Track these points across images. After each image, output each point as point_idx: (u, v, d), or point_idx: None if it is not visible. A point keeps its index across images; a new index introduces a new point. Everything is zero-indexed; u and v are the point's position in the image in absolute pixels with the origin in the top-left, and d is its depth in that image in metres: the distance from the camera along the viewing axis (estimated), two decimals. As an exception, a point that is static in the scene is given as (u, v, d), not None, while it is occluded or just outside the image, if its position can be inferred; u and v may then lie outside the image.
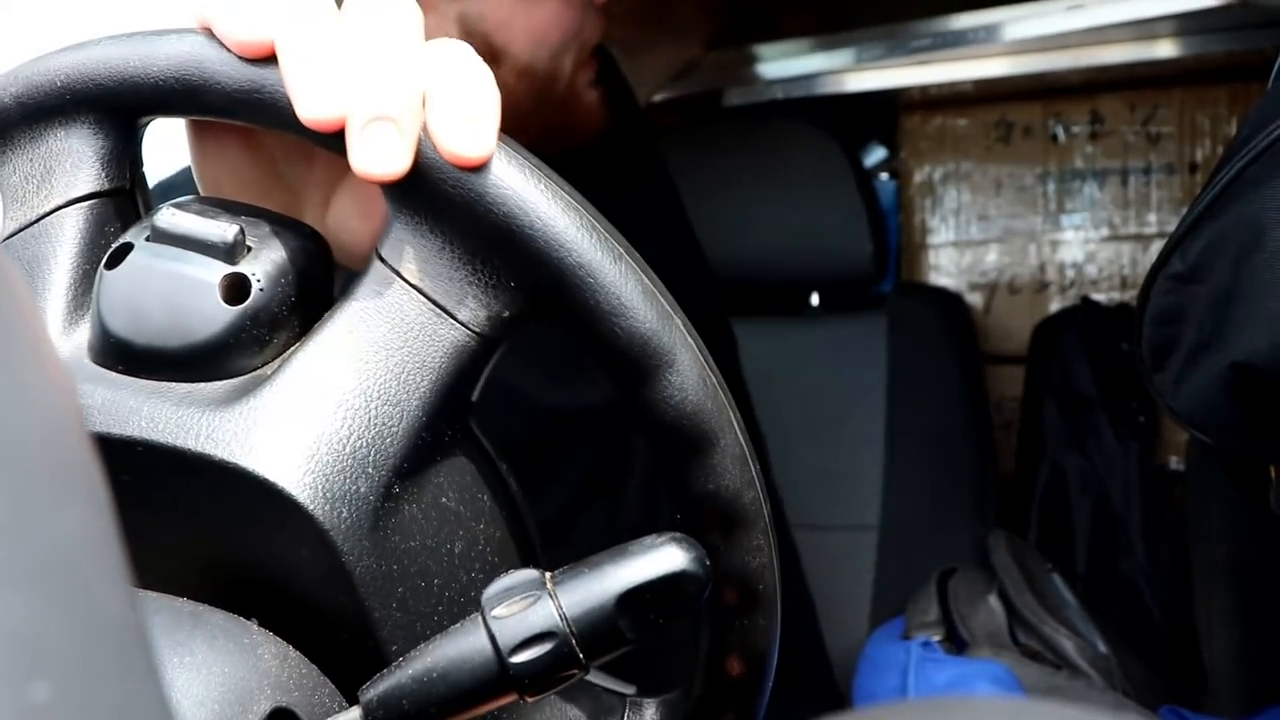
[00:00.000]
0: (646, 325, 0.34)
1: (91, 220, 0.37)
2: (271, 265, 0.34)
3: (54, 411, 0.17)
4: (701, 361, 0.35)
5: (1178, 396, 0.62)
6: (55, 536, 0.16)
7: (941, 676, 0.90)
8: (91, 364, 0.34)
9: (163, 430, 0.32)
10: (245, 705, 0.29)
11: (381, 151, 0.33)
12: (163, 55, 0.36)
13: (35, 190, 0.37)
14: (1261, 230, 0.55)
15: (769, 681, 0.39)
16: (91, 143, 0.37)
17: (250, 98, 0.35)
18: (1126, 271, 1.41)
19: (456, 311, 0.34)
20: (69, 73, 0.36)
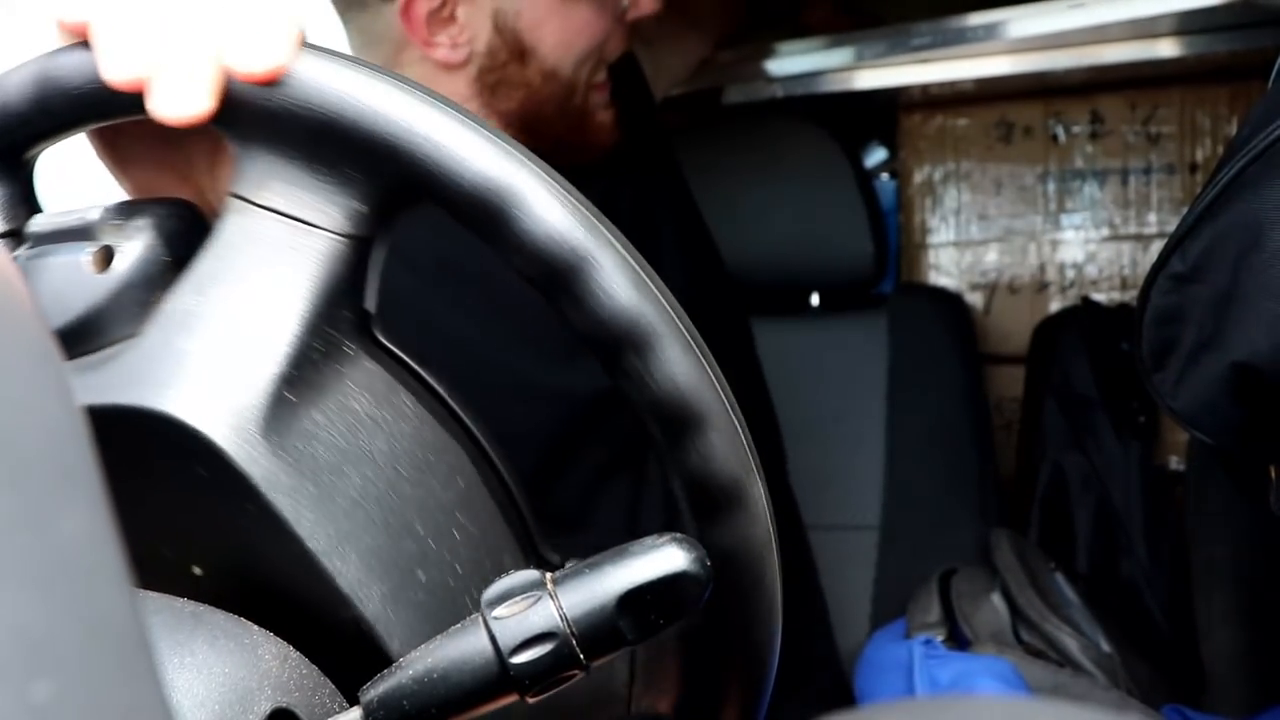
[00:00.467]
0: (496, 168, 0.33)
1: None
2: (136, 233, 0.36)
3: (55, 413, 0.17)
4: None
5: (1178, 397, 0.62)
6: (56, 538, 0.16)
7: (946, 674, 0.90)
8: None
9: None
10: (246, 705, 0.29)
11: (174, 96, 0.35)
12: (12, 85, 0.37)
13: None
14: (1261, 230, 0.55)
15: (771, 673, 0.39)
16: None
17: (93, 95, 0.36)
18: (1127, 271, 1.41)
19: (315, 219, 0.34)
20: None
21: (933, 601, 1.01)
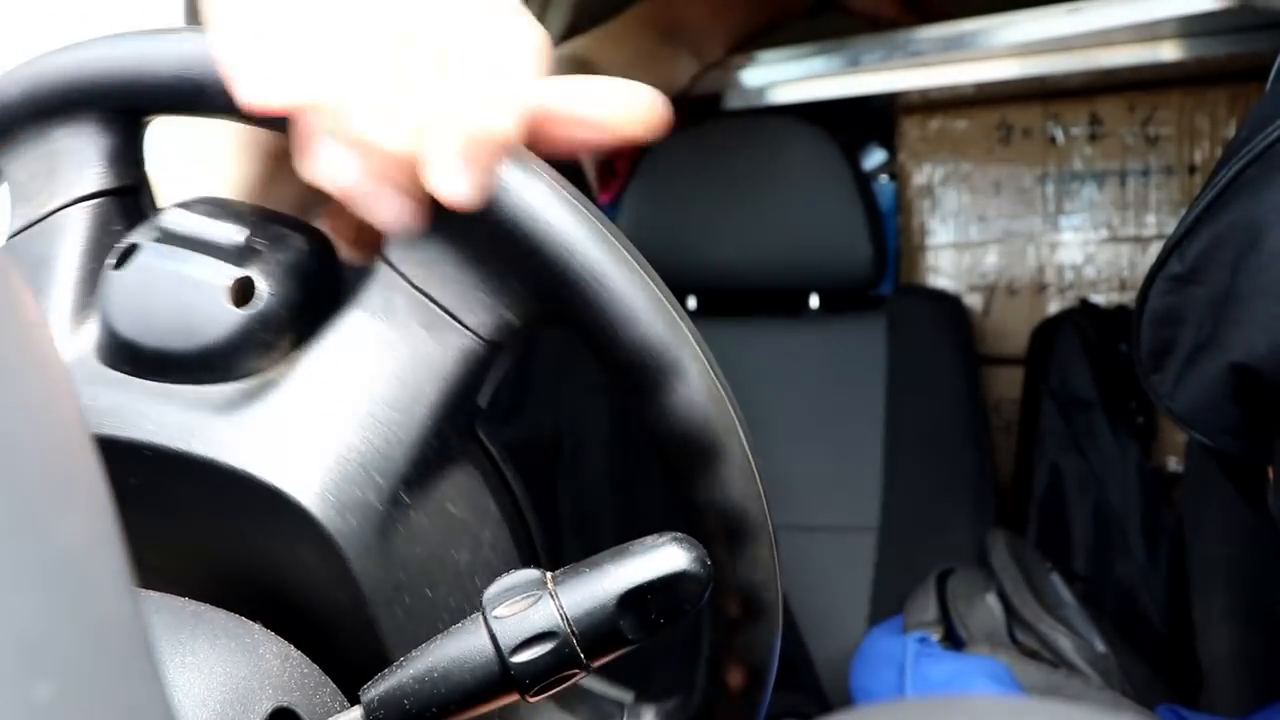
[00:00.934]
0: (655, 334, 0.33)
1: (96, 219, 0.36)
2: (278, 267, 0.34)
3: (57, 415, 0.17)
4: (710, 373, 0.35)
5: (1176, 398, 0.62)
6: (58, 539, 0.16)
7: (939, 673, 0.90)
8: (99, 364, 0.34)
9: (171, 434, 0.31)
10: (247, 705, 0.29)
11: (385, 214, 0.33)
12: (170, 55, 0.35)
13: (40, 188, 0.37)
14: (1260, 231, 0.55)
15: (768, 690, 0.39)
16: (96, 141, 0.37)
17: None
18: (1125, 273, 1.41)
19: (464, 317, 0.34)
20: (74, 71, 0.36)
21: (930, 600, 1.01)
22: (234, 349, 0.33)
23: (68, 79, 0.36)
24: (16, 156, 0.37)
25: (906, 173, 1.51)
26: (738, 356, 1.26)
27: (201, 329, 0.33)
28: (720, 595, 0.37)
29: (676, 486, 0.36)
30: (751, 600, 0.37)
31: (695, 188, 1.25)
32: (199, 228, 0.34)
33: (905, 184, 1.51)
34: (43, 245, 0.36)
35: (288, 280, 0.34)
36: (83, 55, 0.36)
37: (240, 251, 0.34)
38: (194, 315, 0.33)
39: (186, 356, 0.33)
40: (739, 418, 0.36)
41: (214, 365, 0.33)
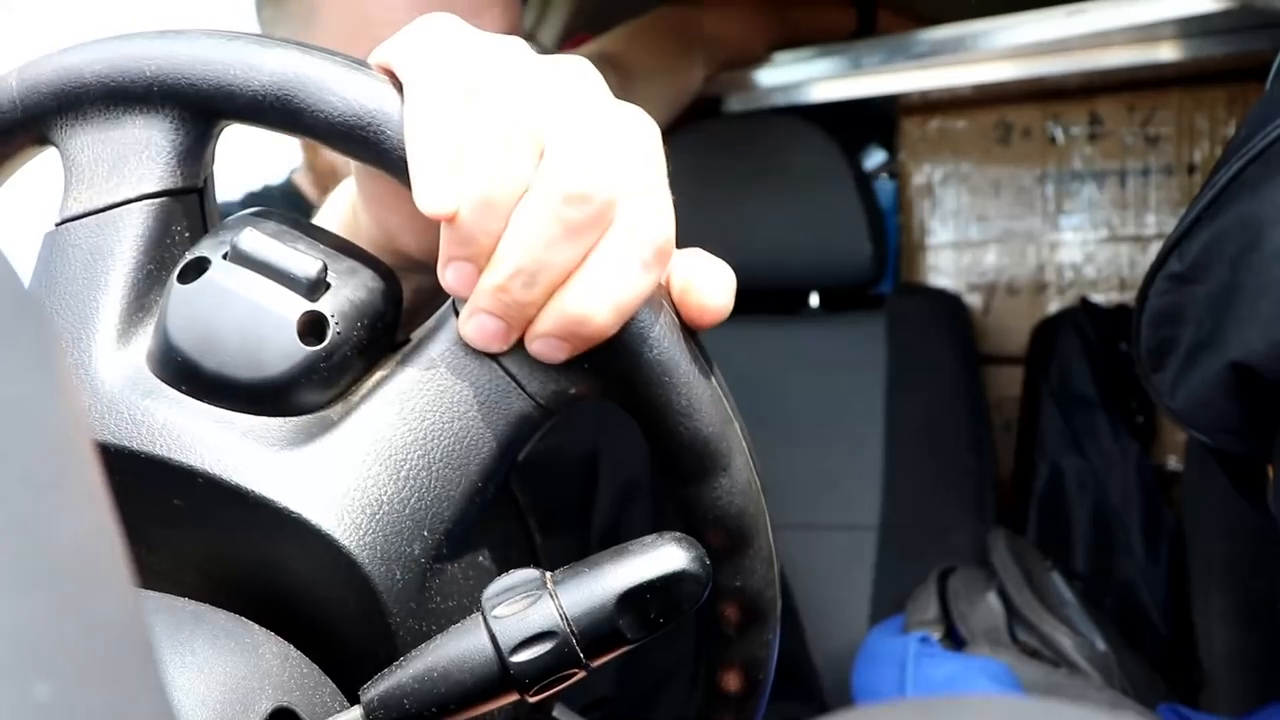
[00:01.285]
0: (711, 429, 0.34)
1: (159, 218, 0.35)
2: (349, 306, 0.34)
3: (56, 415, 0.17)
4: (751, 467, 0.36)
5: (1176, 396, 0.62)
6: (58, 538, 0.16)
7: (940, 673, 0.90)
8: (153, 377, 0.33)
9: (227, 465, 0.31)
10: (247, 705, 0.29)
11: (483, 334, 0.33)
12: (268, 68, 0.34)
13: (105, 176, 0.35)
14: (1260, 230, 0.55)
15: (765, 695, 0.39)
16: (170, 138, 0.35)
17: (355, 133, 0.33)
18: (1125, 272, 1.41)
19: (526, 383, 0.34)
20: (162, 64, 0.34)
21: (931, 600, 1.01)
22: (297, 384, 0.33)
23: (156, 69, 0.34)
24: (80, 135, 0.36)
25: (907, 172, 1.51)
26: (738, 355, 1.26)
27: (268, 361, 0.32)
28: (718, 602, 0.37)
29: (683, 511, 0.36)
30: (749, 607, 0.37)
31: (696, 187, 1.25)
32: (274, 253, 0.33)
33: (905, 184, 1.51)
34: (101, 237, 0.35)
35: (356, 320, 0.34)
36: (172, 50, 0.35)
37: (313, 284, 0.33)
38: (261, 346, 0.32)
39: (248, 386, 0.32)
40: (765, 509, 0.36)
41: (275, 398, 0.33)
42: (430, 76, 0.32)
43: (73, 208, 0.35)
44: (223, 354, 0.32)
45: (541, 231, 0.31)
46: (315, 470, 0.31)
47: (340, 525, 0.31)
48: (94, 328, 0.33)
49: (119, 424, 0.32)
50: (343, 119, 0.33)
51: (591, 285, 0.32)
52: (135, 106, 0.35)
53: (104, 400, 0.32)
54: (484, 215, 0.31)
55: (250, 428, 0.32)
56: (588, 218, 0.31)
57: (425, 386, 0.33)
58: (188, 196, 0.36)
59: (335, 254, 0.35)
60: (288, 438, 0.32)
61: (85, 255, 0.34)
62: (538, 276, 0.31)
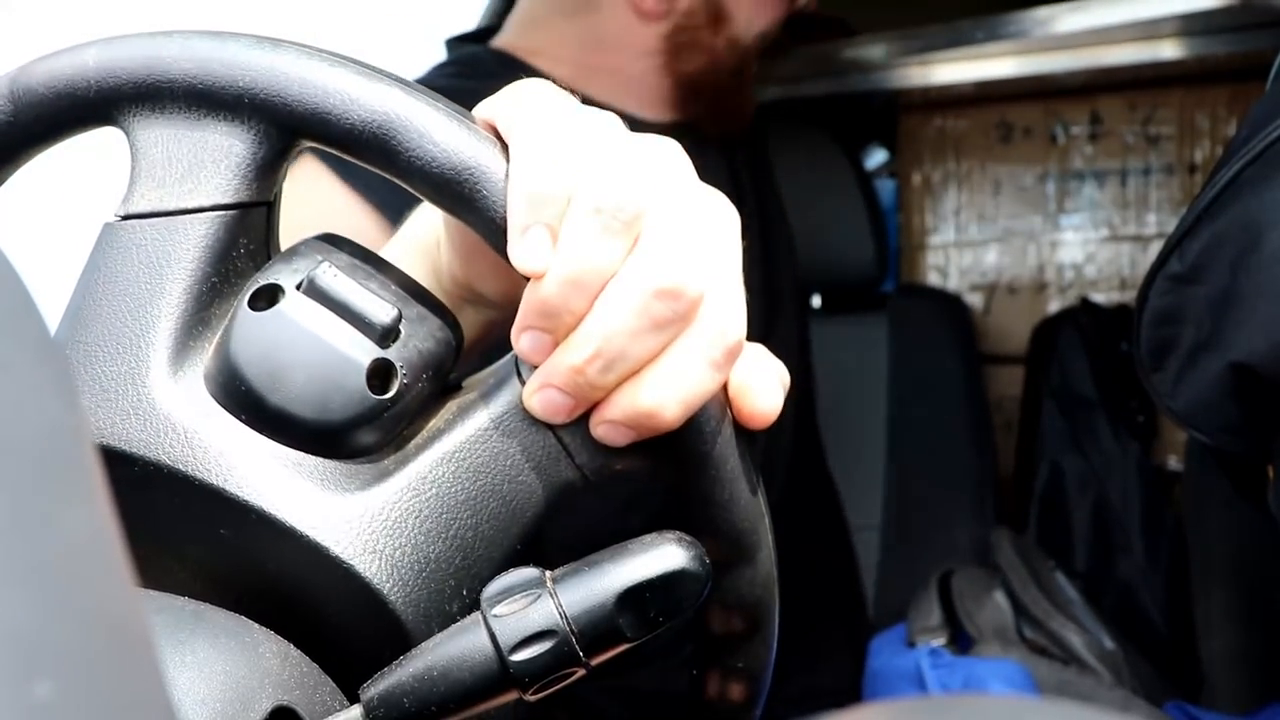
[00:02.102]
0: (745, 524, 0.35)
1: (228, 230, 0.34)
2: (416, 356, 0.34)
3: (55, 412, 0.17)
4: (773, 560, 0.36)
5: (1176, 396, 0.62)
6: (57, 537, 0.16)
7: (955, 681, 0.90)
8: (211, 400, 0.33)
9: (282, 505, 0.31)
10: (247, 704, 0.29)
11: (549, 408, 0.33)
12: (370, 102, 0.33)
13: (178, 179, 0.34)
14: (1260, 231, 0.55)
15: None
16: (251, 150, 0.34)
17: (451, 185, 0.33)
18: (1125, 272, 1.41)
19: (577, 454, 0.34)
20: (258, 77, 0.33)
21: (933, 605, 1.01)
22: (357, 429, 0.33)
23: (251, 81, 0.33)
24: (155, 129, 0.35)
25: (907, 172, 1.51)
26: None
27: (333, 405, 0.32)
28: (718, 608, 0.37)
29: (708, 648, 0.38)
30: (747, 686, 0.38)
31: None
32: (351, 294, 0.33)
33: (906, 183, 1.51)
34: (167, 242, 0.34)
35: (422, 370, 0.34)
36: (269, 63, 0.34)
37: (386, 332, 0.33)
38: (328, 387, 0.32)
39: (310, 426, 0.32)
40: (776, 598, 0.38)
41: (334, 441, 0.33)
42: (538, 139, 0.32)
43: (139, 204, 0.34)
44: (288, 390, 0.32)
45: (627, 321, 0.31)
46: (370, 521, 0.32)
47: (390, 581, 0.31)
48: (152, 337, 0.33)
49: (175, 445, 0.32)
50: (440, 169, 0.33)
51: (665, 380, 0.32)
52: (220, 113, 0.34)
53: (160, 417, 0.32)
54: (572, 292, 0.31)
55: (307, 467, 0.32)
56: (675, 314, 0.32)
57: (480, 446, 0.33)
58: (257, 210, 0.35)
59: (407, 298, 0.34)
60: (343, 482, 0.32)
61: (149, 258, 0.34)
62: (615, 364, 0.32)
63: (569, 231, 0.32)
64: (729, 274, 0.33)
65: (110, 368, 0.32)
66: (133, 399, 0.32)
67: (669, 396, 0.32)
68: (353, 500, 0.32)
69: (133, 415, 0.32)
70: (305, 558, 0.31)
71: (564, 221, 0.32)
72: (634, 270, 0.31)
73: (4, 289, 0.18)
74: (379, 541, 0.31)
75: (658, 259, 0.31)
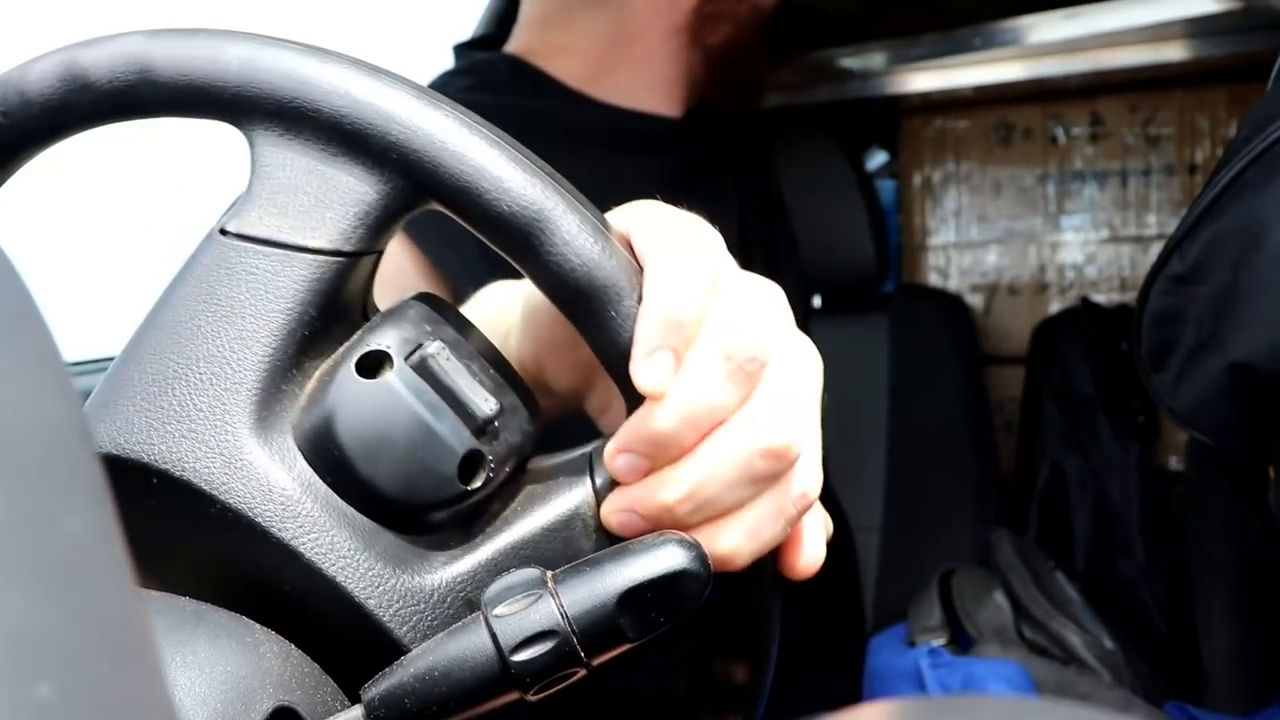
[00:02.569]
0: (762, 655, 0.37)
1: (340, 274, 0.33)
2: (505, 450, 0.34)
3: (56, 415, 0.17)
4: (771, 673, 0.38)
5: (1177, 397, 0.62)
6: (58, 538, 0.16)
7: (955, 681, 0.90)
8: (299, 455, 0.32)
9: (351, 578, 0.32)
10: (248, 704, 0.29)
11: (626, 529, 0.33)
12: (521, 195, 0.32)
13: (302, 212, 0.33)
14: (1261, 231, 0.55)
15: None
16: (381, 202, 0.33)
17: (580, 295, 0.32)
18: (1126, 273, 1.41)
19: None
20: (413, 136, 0.32)
21: (933, 605, 1.01)
22: (437, 514, 0.33)
23: (401, 138, 0.32)
24: (286, 151, 0.33)
25: (908, 173, 1.51)
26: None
27: (422, 487, 0.32)
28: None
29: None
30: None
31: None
32: (460, 382, 0.32)
33: (906, 184, 1.51)
34: (280, 276, 0.33)
35: (507, 462, 0.34)
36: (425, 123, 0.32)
37: (485, 423, 0.32)
38: (421, 471, 0.32)
39: (393, 502, 0.32)
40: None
41: (410, 519, 0.33)
42: (677, 268, 0.32)
43: (257, 228, 0.33)
44: (381, 464, 0.32)
45: (728, 473, 0.32)
46: (432, 607, 0.32)
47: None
48: (246, 375, 0.32)
49: (258, 497, 0.31)
50: (577, 280, 0.32)
51: (745, 531, 0.33)
52: (360, 156, 0.33)
53: (245, 463, 0.32)
54: (686, 428, 0.32)
55: (381, 543, 0.32)
56: (773, 473, 0.32)
57: (543, 544, 0.34)
58: (369, 258, 0.35)
59: (504, 386, 0.34)
60: (412, 561, 0.33)
61: (258, 287, 0.33)
62: (703, 508, 0.32)
63: (695, 367, 0.32)
64: (816, 433, 0.34)
65: (199, 397, 0.32)
66: (219, 437, 0.32)
67: (744, 547, 0.33)
68: (421, 582, 0.32)
69: (218, 455, 0.32)
70: (365, 629, 0.32)
71: (691, 355, 0.32)
72: (747, 423, 0.32)
73: (4, 289, 0.18)
74: (440, 627, 0.32)
75: (771, 417, 0.32)
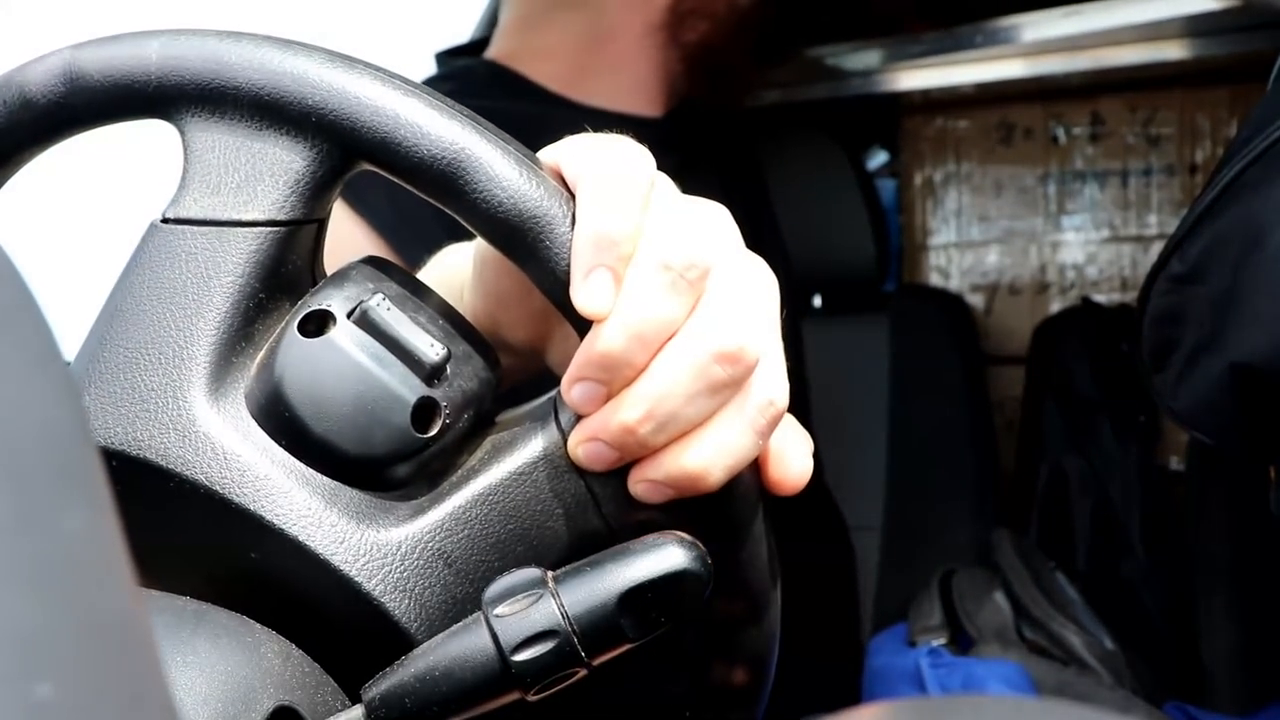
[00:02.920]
0: (759, 585, 0.35)
1: (280, 245, 0.34)
2: (460, 397, 0.34)
3: (56, 414, 0.17)
4: (778, 620, 0.37)
5: (1178, 397, 0.62)
6: (58, 537, 0.16)
7: (954, 681, 0.90)
8: (252, 421, 0.32)
9: (316, 536, 0.31)
10: (248, 703, 0.29)
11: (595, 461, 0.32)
12: (441, 138, 0.32)
13: (234, 188, 0.34)
14: (1261, 231, 0.55)
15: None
16: (311, 168, 0.34)
17: (514, 231, 0.32)
18: (1127, 273, 1.41)
19: (605, 504, 0.34)
20: (327, 97, 0.33)
21: (934, 605, 1.01)
22: (396, 466, 0.33)
23: (320, 101, 0.33)
24: (214, 134, 0.34)
25: (908, 172, 1.51)
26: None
27: (376, 440, 0.32)
28: (719, 662, 0.38)
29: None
30: (748, 669, 0.38)
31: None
32: (403, 329, 0.32)
33: (907, 184, 1.51)
34: (218, 252, 0.33)
35: (464, 410, 0.34)
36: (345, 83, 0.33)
37: (435, 370, 0.33)
38: (373, 423, 0.32)
39: (350, 458, 0.32)
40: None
41: (371, 474, 0.33)
42: (607, 186, 0.32)
43: (192, 209, 0.34)
44: (332, 420, 0.32)
45: (685, 384, 0.31)
46: (402, 559, 0.32)
47: (417, 621, 0.32)
48: (195, 350, 0.32)
49: (213, 466, 0.31)
50: (506, 214, 0.32)
51: (713, 445, 0.32)
52: (283, 126, 0.33)
53: (199, 435, 0.32)
54: (634, 345, 0.31)
55: (344, 499, 0.32)
56: (732, 378, 0.31)
57: (514, 490, 0.33)
58: (308, 228, 0.35)
59: (454, 334, 0.34)
60: (377, 516, 0.32)
61: (199, 267, 0.33)
62: (667, 426, 0.32)
63: (635, 282, 0.31)
64: (776, 339, 0.33)
65: (150, 377, 0.32)
66: (172, 413, 0.32)
67: (715, 461, 0.32)
68: (386, 535, 0.32)
69: (172, 430, 0.32)
70: (334, 588, 0.31)
71: (630, 272, 0.31)
72: (697, 330, 0.31)
73: (5, 289, 0.18)
74: (409, 580, 0.32)
75: (720, 321, 0.31)
